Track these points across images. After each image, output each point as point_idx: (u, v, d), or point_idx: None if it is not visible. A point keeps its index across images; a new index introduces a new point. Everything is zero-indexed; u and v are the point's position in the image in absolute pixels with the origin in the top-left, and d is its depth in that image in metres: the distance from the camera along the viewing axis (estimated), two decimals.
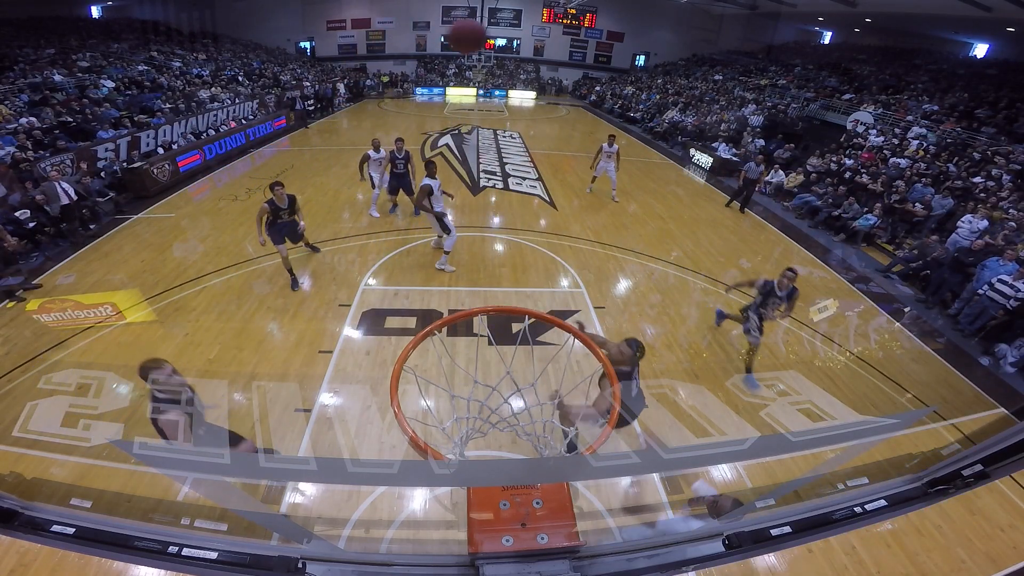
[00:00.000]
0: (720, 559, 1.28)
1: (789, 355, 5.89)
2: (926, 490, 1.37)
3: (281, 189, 6.30)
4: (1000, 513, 3.90)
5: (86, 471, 3.77)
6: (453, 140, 16.70)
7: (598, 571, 1.21)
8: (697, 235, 9.48)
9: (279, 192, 6.30)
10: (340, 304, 6.34)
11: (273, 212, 6.36)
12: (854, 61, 20.94)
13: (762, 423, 4.70)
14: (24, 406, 4.37)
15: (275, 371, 5.09)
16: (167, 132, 12.45)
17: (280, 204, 6.36)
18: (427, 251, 7.89)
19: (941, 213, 9.48)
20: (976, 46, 18.88)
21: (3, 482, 1.27)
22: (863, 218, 9.79)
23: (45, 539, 1.10)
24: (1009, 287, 6.43)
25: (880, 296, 7.64)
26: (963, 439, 4.65)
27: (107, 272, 7.03)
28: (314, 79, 23.79)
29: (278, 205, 6.36)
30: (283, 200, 6.36)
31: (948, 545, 3.63)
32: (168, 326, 5.76)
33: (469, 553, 1.15)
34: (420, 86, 30.41)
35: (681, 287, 7.36)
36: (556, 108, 27.29)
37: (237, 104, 16.22)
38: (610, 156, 10.57)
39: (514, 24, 32.41)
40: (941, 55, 19.07)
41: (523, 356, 4.46)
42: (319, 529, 3.44)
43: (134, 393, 4.63)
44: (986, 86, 15.16)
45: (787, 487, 1.70)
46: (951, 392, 5.56)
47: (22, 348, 5.24)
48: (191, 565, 1.09)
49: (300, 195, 10.27)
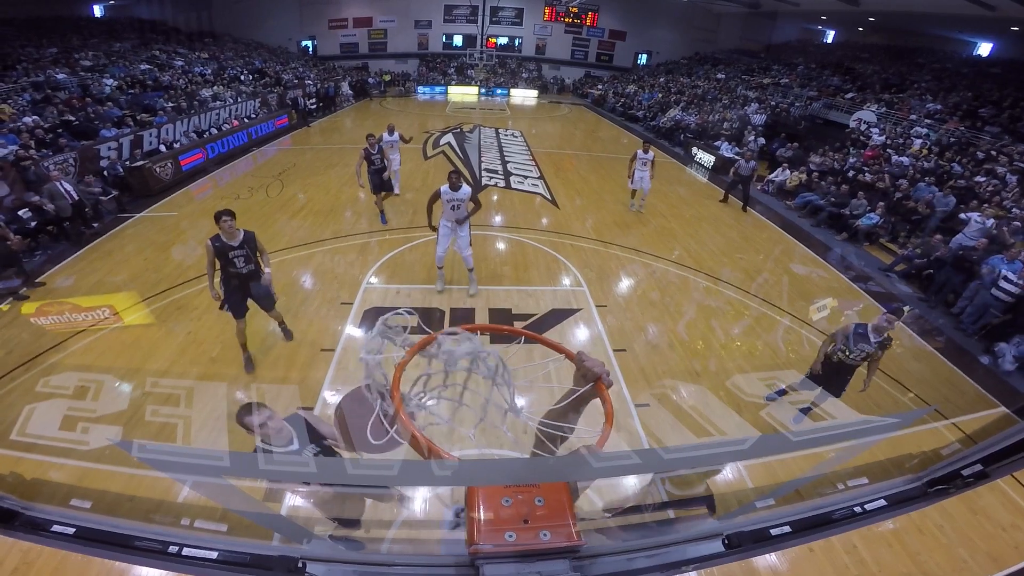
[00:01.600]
0: (720, 559, 1.28)
1: (789, 354, 5.88)
2: (926, 490, 1.37)
3: (230, 220, 4.42)
4: (1002, 512, 3.88)
5: (85, 474, 3.78)
6: (455, 139, 16.70)
7: (598, 571, 1.21)
8: (699, 234, 9.46)
9: (226, 224, 4.42)
10: (342, 302, 6.35)
11: (220, 255, 4.51)
12: (857, 60, 20.87)
13: (762, 423, 4.69)
14: (23, 409, 4.37)
15: (277, 370, 5.10)
16: (169, 131, 12.47)
17: (229, 241, 4.52)
18: (429, 249, 7.88)
19: (946, 211, 9.45)
20: (980, 45, 18.80)
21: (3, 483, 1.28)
22: (866, 217, 9.76)
23: (46, 539, 1.10)
24: (1013, 284, 6.42)
25: (881, 295, 7.62)
26: (964, 438, 4.64)
27: (110, 271, 7.05)
28: (316, 78, 23.81)
29: (225, 243, 4.51)
30: (233, 235, 4.52)
31: (950, 544, 3.61)
32: (170, 325, 5.77)
33: (469, 553, 1.14)
34: (422, 85, 30.41)
35: (683, 286, 7.35)
36: (558, 107, 27.27)
37: (239, 103, 16.24)
38: (646, 164, 9.75)
39: (516, 23, 32.38)
40: (944, 54, 18.99)
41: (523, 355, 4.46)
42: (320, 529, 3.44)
43: (133, 395, 4.64)
44: (990, 85, 15.10)
45: (787, 487, 1.69)
46: (952, 391, 5.55)
47: (23, 349, 5.26)
48: (191, 565, 1.10)
49: (302, 194, 10.44)
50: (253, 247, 4.67)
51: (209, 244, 4.48)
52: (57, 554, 1.11)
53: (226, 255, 4.53)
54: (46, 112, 11.15)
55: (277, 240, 7.99)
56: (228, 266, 4.59)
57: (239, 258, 4.58)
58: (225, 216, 4.40)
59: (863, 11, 19.59)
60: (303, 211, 9.41)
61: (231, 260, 4.56)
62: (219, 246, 4.49)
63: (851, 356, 4.28)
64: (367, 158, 8.39)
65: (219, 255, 4.51)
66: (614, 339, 5.90)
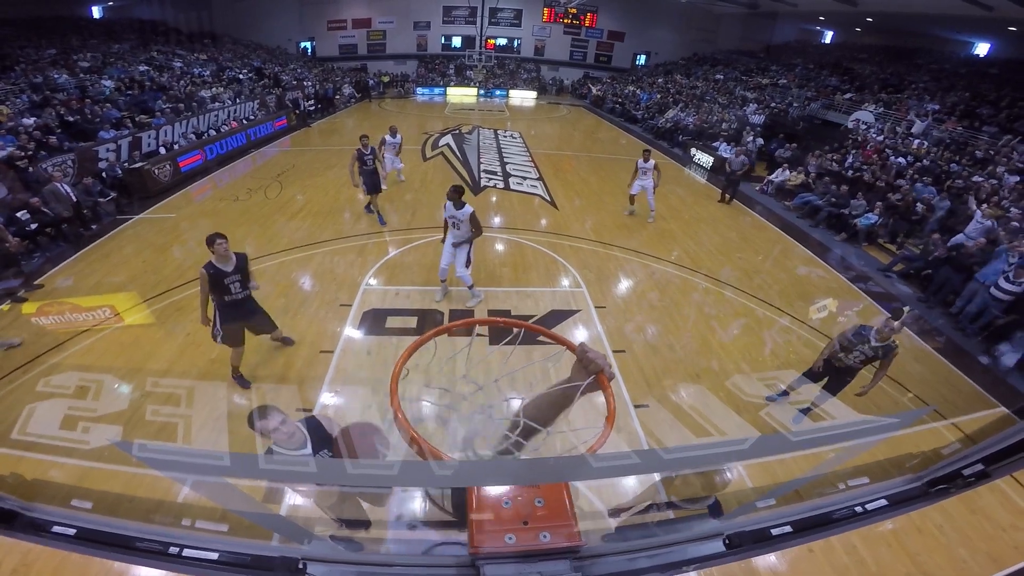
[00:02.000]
0: (721, 559, 1.28)
1: (790, 354, 5.89)
2: (926, 490, 1.37)
3: (224, 243, 4.28)
4: (1002, 512, 3.88)
5: (86, 473, 3.77)
6: (454, 140, 16.71)
7: (599, 571, 1.20)
8: (698, 234, 9.47)
9: (221, 248, 4.27)
10: (341, 304, 6.34)
11: (214, 283, 4.34)
12: (855, 60, 20.92)
13: (762, 423, 4.69)
14: (24, 408, 4.37)
15: (276, 371, 5.10)
16: (168, 132, 12.47)
17: (222, 267, 4.35)
18: (427, 251, 7.88)
19: (945, 208, 9.46)
20: (977, 45, 18.85)
21: (3, 483, 1.27)
22: (864, 217, 9.78)
23: (46, 540, 1.10)
24: (1011, 283, 6.43)
25: (880, 295, 7.63)
26: (964, 438, 4.65)
27: (108, 272, 7.04)
28: (315, 79, 23.80)
29: (220, 268, 4.34)
30: (227, 259, 4.37)
31: (950, 545, 3.62)
32: (170, 326, 5.77)
33: (469, 553, 1.14)
34: (421, 86, 30.42)
35: (682, 286, 7.35)
36: (557, 108, 27.30)
37: (238, 104, 16.24)
38: (646, 173, 9.48)
39: (515, 24, 32.41)
40: (942, 54, 19.04)
41: (523, 355, 4.45)
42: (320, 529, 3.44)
43: (132, 395, 4.64)
44: (987, 85, 15.14)
45: (787, 487, 1.69)
46: (952, 391, 5.56)
47: (23, 349, 5.25)
48: (192, 565, 1.09)
49: (301, 195, 10.43)
50: (246, 272, 4.51)
51: (204, 272, 4.28)
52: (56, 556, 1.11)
53: (221, 282, 4.34)
54: (44, 113, 11.14)
55: (276, 242, 7.99)
56: (223, 293, 4.39)
57: (234, 284, 4.41)
58: (219, 239, 4.24)
59: (861, 11, 19.63)
60: (302, 212, 9.41)
61: (226, 287, 4.37)
62: (213, 273, 4.29)
63: (850, 357, 4.28)
64: (359, 159, 8.47)
65: (213, 283, 4.32)
66: (613, 340, 5.91)
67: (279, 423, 2.44)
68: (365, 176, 8.61)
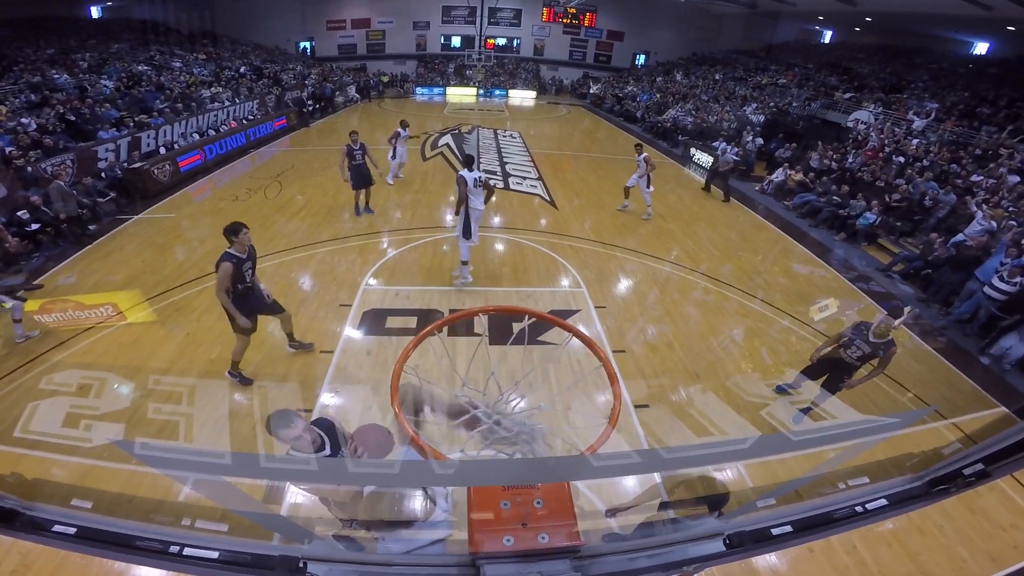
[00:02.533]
0: (721, 558, 1.28)
1: (788, 354, 5.89)
2: (927, 489, 1.37)
3: (248, 232, 4.28)
4: (1001, 512, 3.89)
5: (87, 472, 3.78)
6: (453, 140, 16.70)
7: (599, 571, 1.20)
8: (697, 234, 9.47)
9: (246, 237, 4.27)
10: (341, 304, 6.34)
11: (236, 273, 4.26)
12: (854, 60, 20.93)
13: (762, 423, 4.70)
14: (25, 406, 4.38)
15: (276, 371, 5.09)
16: (167, 132, 12.45)
17: (242, 254, 4.31)
18: (427, 251, 7.88)
19: (951, 203, 9.45)
20: (977, 45, 18.86)
21: (4, 483, 1.27)
22: (863, 216, 9.78)
23: (46, 539, 1.10)
24: (1005, 282, 6.43)
25: (880, 295, 7.63)
26: (964, 438, 4.66)
27: (108, 272, 7.03)
28: (314, 79, 23.78)
29: (240, 257, 4.29)
30: (245, 248, 4.33)
31: (949, 544, 3.63)
32: (169, 326, 5.76)
33: (470, 553, 1.15)
34: (420, 86, 30.40)
35: (681, 286, 7.35)
36: (556, 107, 27.30)
37: (237, 104, 16.22)
38: (639, 165, 9.66)
39: (514, 24, 32.41)
40: (942, 54, 19.06)
41: (524, 355, 4.46)
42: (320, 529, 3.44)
43: (133, 394, 4.64)
44: (987, 84, 15.15)
45: (788, 486, 1.69)
46: (952, 391, 5.56)
47: (23, 349, 5.25)
48: (192, 565, 1.09)
49: (301, 195, 10.41)
50: (255, 258, 4.47)
51: (228, 265, 4.13)
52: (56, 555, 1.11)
53: (240, 270, 4.28)
54: (43, 113, 11.13)
55: (276, 241, 7.99)
56: (239, 282, 4.31)
57: (248, 271, 4.39)
58: (244, 228, 4.20)
59: (860, 11, 19.65)
60: (301, 212, 9.40)
61: (243, 275, 4.34)
62: (236, 262, 4.19)
63: (847, 353, 4.29)
64: (349, 155, 8.62)
65: (235, 273, 4.21)
66: (613, 340, 5.91)
67: (302, 430, 2.37)
68: (353, 172, 8.75)
